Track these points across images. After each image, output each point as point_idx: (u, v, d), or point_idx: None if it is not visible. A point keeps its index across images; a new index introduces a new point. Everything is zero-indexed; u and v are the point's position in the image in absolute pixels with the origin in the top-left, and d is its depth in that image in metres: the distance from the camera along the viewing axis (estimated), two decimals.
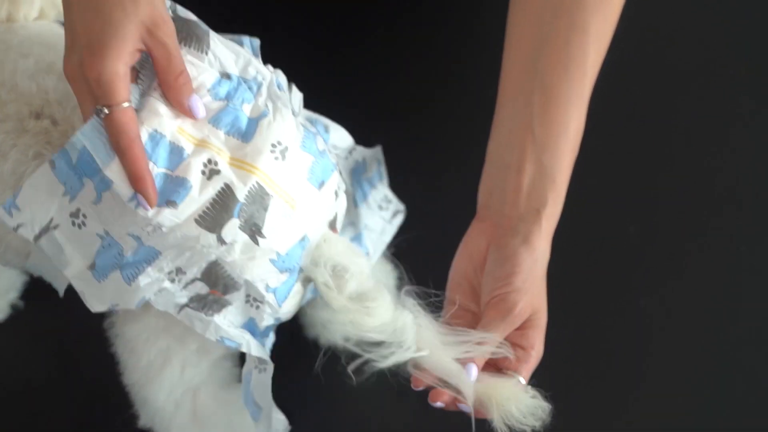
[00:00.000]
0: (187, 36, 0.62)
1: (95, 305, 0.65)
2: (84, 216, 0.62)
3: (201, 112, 0.61)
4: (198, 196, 0.60)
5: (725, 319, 0.90)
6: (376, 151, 0.80)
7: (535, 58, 0.71)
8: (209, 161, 0.60)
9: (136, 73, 0.60)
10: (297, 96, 0.67)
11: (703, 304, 0.91)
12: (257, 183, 0.60)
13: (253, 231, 0.61)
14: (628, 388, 0.88)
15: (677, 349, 0.89)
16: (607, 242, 0.94)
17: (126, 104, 0.58)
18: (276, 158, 0.61)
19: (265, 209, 0.61)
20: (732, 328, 0.90)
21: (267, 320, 0.66)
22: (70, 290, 0.73)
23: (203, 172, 0.60)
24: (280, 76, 0.66)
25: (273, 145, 0.61)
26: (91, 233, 0.63)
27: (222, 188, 0.60)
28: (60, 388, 0.87)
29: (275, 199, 0.61)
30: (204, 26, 0.63)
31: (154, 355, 0.69)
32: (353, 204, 0.78)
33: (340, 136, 0.73)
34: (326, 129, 0.72)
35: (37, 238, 0.63)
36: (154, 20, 0.58)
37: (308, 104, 0.71)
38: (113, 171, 0.59)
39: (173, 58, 0.60)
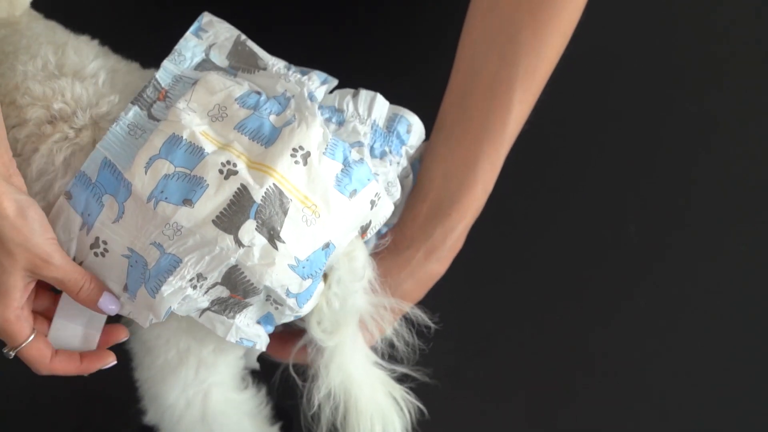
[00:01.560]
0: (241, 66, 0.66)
1: (143, 322, 0.66)
2: (104, 243, 0.63)
3: (113, 308, 0.64)
4: (214, 195, 0.60)
5: (726, 319, 0.91)
6: None
7: (464, 92, 0.72)
8: (228, 162, 0.61)
9: (164, 92, 0.63)
10: (366, 98, 0.68)
11: (704, 303, 0.91)
12: (274, 185, 0.60)
13: (272, 234, 0.61)
14: (628, 388, 0.88)
15: (677, 348, 0.90)
16: (607, 242, 0.94)
17: (30, 338, 0.63)
18: (296, 162, 0.61)
19: (285, 212, 0.61)
20: (732, 327, 0.90)
21: (287, 318, 0.66)
22: None
23: (221, 171, 0.60)
24: (314, 84, 0.67)
25: (294, 149, 0.61)
26: (116, 257, 0.63)
27: (238, 189, 0.60)
28: (60, 388, 0.87)
29: (295, 203, 0.61)
30: (261, 58, 0.67)
31: (172, 355, 0.69)
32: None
33: (419, 135, 0.73)
34: (409, 129, 0.71)
35: None
36: (34, 264, 0.61)
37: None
38: (132, 173, 0.61)
39: (67, 283, 0.63)
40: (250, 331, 0.66)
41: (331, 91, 0.70)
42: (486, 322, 0.91)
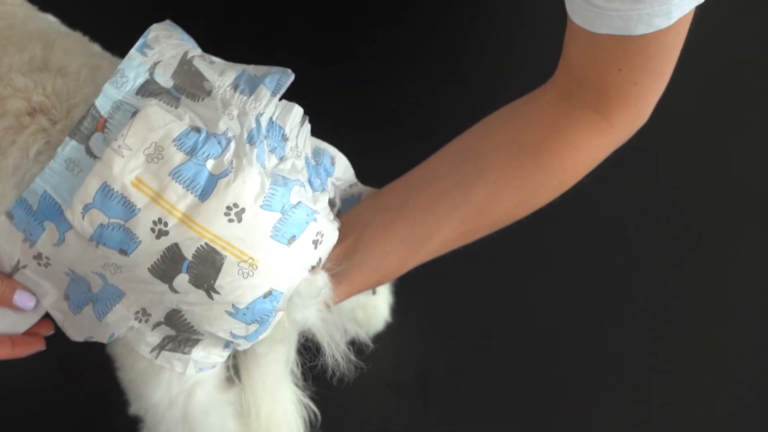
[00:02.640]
0: (185, 90, 0.64)
1: (74, 335, 0.68)
2: (47, 258, 0.64)
3: (29, 303, 0.66)
4: (148, 248, 0.61)
5: (725, 319, 0.91)
6: (373, 192, 0.78)
7: (414, 187, 0.71)
8: (159, 220, 0.60)
9: (104, 121, 0.61)
10: (305, 131, 0.66)
11: (703, 303, 0.91)
12: (206, 244, 0.60)
13: (206, 287, 0.61)
14: (627, 388, 0.88)
15: (677, 348, 0.89)
16: (605, 242, 0.94)
17: None
18: (230, 220, 0.60)
19: (218, 269, 0.61)
20: (731, 327, 0.90)
21: (244, 347, 0.67)
22: None
23: (152, 230, 0.60)
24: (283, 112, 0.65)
25: (228, 208, 0.60)
26: (58, 272, 0.64)
27: (169, 246, 0.60)
28: (60, 389, 0.87)
29: (230, 259, 0.61)
30: (208, 80, 0.64)
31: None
32: None
33: (344, 168, 0.72)
34: (332, 162, 0.70)
35: (11, 274, 0.66)
36: None
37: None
38: (72, 215, 0.61)
39: None
40: (209, 360, 0.68)
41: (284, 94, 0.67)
42: (486, 320, 0.91)
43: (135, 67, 0.63)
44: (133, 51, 0.64)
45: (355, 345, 0.71)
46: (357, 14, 1.05)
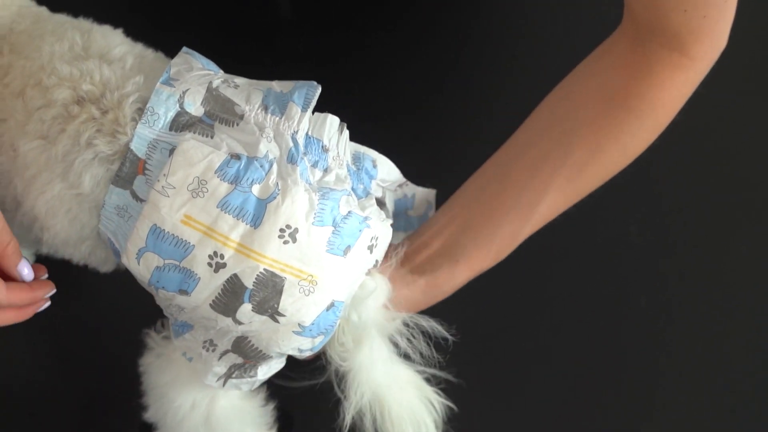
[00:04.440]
0: (217, 118, 0.63)
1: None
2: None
3: (29, 275, 0.64)
4: (208, 284, 0.61)
5: (725, 319, 0.91)
6: (429, 193, 0.79)
7: (513, 157, 0.72)
8: (215, 253, 0.60)
9: (143, 163, 0.61)
10: (344, 139, 0.66)
11: (704, 303, 0.91)
12: (265, 270, 0.60)
13: (270, 312, 0.62)
14: (629, 387, 0.88)
15: (678, 348, 0.90)
16: (607, 242, 0.94)
17: None
18: (285, 242, 0.60)
19: (280, 292, 0.61)
20: (732, 327, 0.90)
21: (308, 356, 0.69)
22: (69, 288, 0.73)
23: (210, 265, 0.61)
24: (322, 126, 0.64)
25: (281, 230, 0.60)
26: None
27: (229, 278, 0.61)
28: (60, 388, 0.87)
29: (290, 279, 0.61)
30: (238, 104, 0.63)
31: (186, 367, 0.71)
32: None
33: (388, 170, 0.72)
34: (374, 164, 0.70)
35: None
36: None
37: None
38: (128, 260, 0.62)
39: None
40: (272, 372, 0.70)
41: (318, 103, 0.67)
42: (486, 321, 0.91)
43: (164, 101, 0.62)
44: (159, 84, 0.63)
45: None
46: (358, 13, 1.05)
